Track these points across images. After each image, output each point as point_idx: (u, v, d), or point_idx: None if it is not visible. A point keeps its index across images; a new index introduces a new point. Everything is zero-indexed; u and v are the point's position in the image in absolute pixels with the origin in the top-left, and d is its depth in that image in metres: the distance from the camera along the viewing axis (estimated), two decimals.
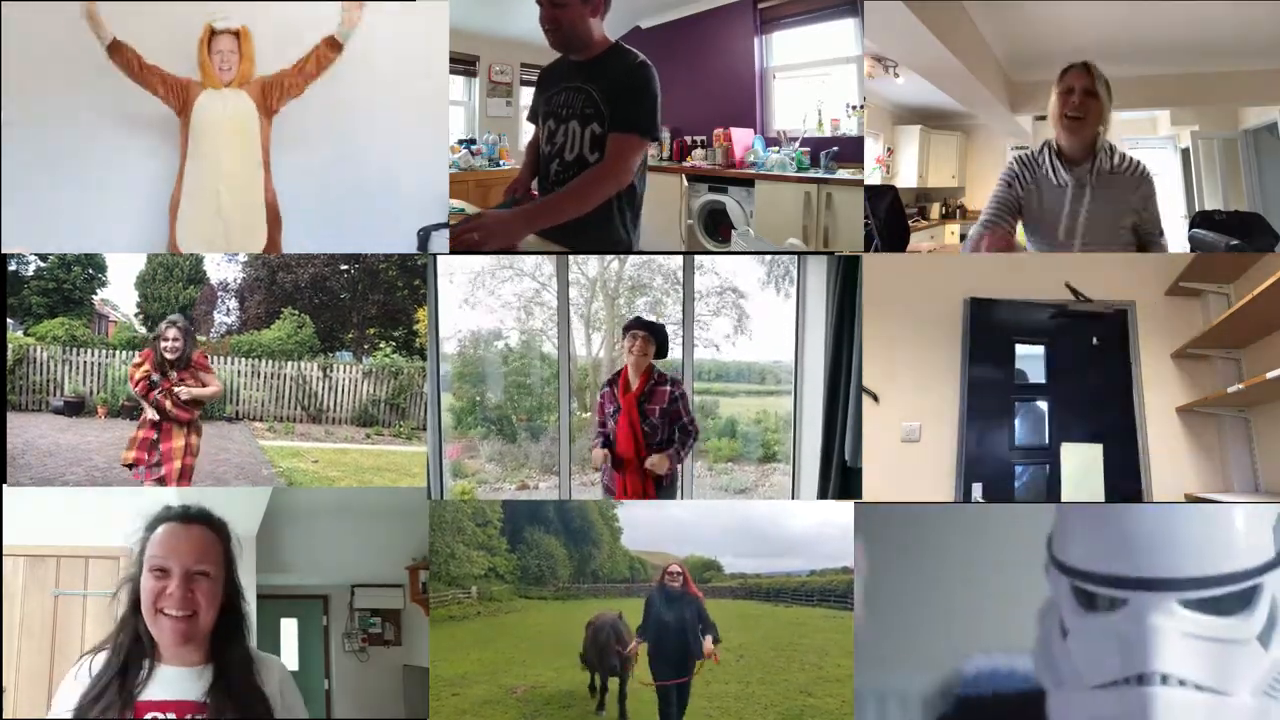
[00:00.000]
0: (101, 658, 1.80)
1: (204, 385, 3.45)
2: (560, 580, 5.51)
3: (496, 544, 5.32)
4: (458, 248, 2.78)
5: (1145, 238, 3.27)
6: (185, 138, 3.46)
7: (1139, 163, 3.25)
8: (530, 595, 5.45)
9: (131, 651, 1.78)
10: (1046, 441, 3.86)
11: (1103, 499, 3.70)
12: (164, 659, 1.79)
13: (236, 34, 3.42)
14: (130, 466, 3.43)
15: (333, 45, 3.48)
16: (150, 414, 3.39)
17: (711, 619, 3.79)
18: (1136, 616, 1.39)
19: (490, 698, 4.22)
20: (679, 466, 3.65)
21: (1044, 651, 1.54)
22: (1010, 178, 3.33)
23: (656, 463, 3.45)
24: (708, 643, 3.70)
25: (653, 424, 3.47)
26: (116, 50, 3.40)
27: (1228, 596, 1.40)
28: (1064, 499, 3.74)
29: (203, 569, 1.78)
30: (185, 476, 3.39)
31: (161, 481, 3.37)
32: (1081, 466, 3.76)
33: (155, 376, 3.41)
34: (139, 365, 3.45)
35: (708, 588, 5.02)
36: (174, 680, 1.78)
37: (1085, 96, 3.14)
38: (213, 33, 3.41)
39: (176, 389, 3.39)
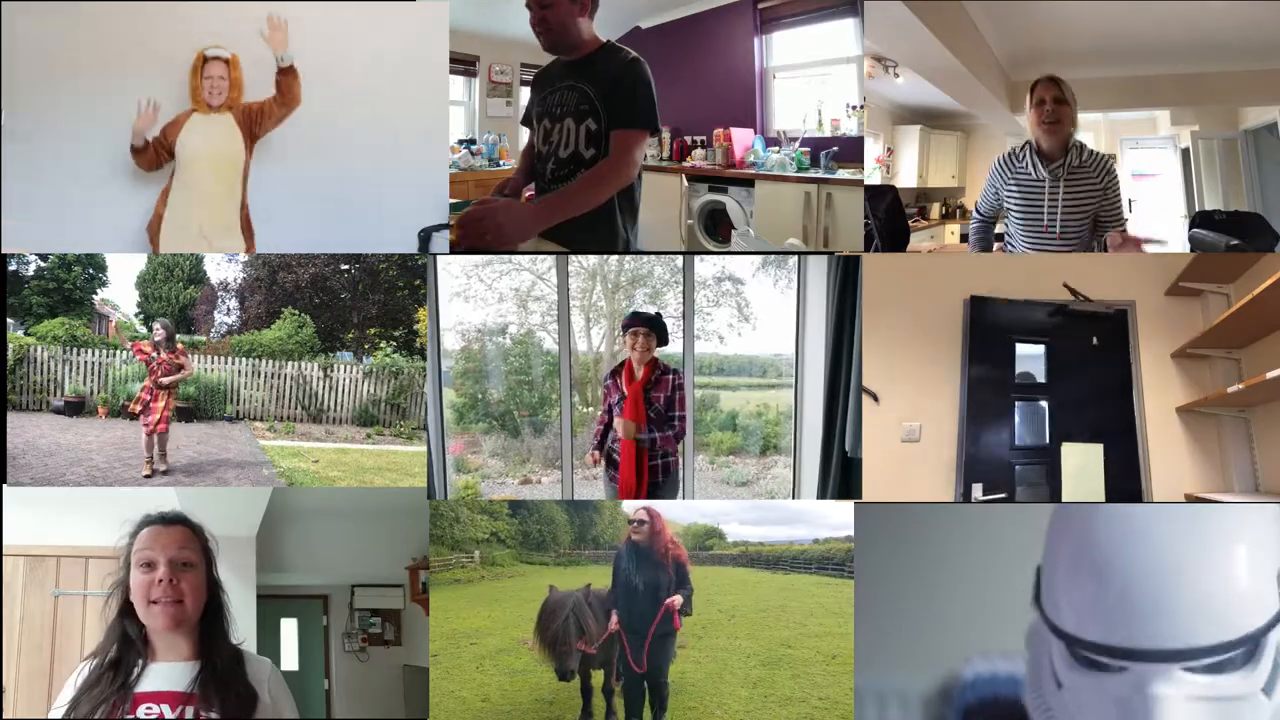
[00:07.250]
0: (96, 661, 1.92)
1: (180, 369, 4.60)
2: (561, 546, 5.51)
3: (498, 508, 5.35)
4: (465, 237, 2.61)
5: (1105, 221, 3.68)
6: (175, 162, 3.52)
7: (1102, 156, 3.72)
8: (532, 560, 5.48)
9: (124, 650, 1.91)
10: (1047, 441, 3.86)
11: (1103, 498, 3.70)
12: (156, 656, 1.92)
13: (227, 61, 3.50)
14: (133, 416, 4.73)
15: (285, 73, 3.50)
16: (148, 382, 4.60)
17: (689, 581, 3.38)
18: (1137, 684, 1.33)
19: (504, 647, 4.47)
20: (678, 460, 3.67)
21: (1036, 691, 1.50)
22: (994, 180, 3.85)
23: (624, 426, 3.51)
24: (676, 599, 3.32)
25: (657, 410, 3.58)
26: (141, 151, 3.48)
27: (1234, 657, 1.34)
28: (1064, 499, 3.74)
29: (185, 559, 1.93)
30: (163, 422, 4.52)
31: (151, 424, 4.50)
32: (1081, 466, 3.76)
33: (152, 354, 4.54)
34: (141, 347, 4.61)
35: (708, 555, 5.01)
36: (165, 675, 1.90)
37: (1056, 104, 3.62)
38: (205, 60, 3.49)
39: (162, 380, 4.54)
